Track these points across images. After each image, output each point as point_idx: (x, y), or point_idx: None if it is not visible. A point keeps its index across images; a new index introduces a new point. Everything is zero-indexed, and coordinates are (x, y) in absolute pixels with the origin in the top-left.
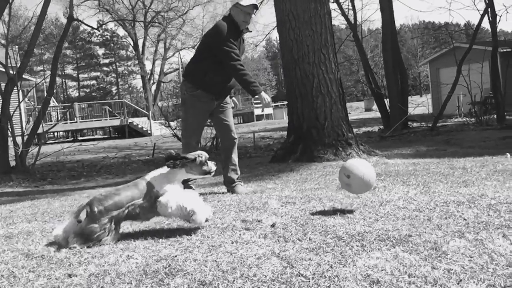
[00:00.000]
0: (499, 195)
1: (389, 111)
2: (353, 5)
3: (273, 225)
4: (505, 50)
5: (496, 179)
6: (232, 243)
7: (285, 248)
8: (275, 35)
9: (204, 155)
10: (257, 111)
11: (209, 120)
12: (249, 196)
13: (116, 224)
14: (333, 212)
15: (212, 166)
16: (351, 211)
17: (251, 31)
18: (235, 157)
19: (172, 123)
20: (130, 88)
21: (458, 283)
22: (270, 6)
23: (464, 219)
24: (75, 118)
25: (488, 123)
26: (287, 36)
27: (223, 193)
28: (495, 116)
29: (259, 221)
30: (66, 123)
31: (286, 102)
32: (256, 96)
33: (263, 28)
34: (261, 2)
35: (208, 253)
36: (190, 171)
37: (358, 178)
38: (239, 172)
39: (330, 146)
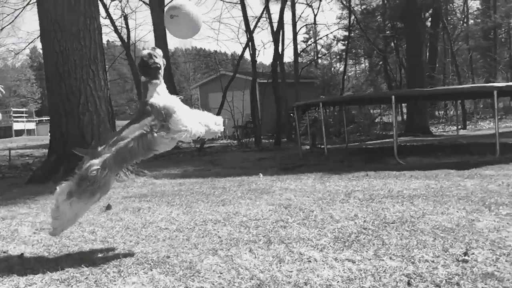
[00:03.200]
0: (250, 212)
1: None
2: (126, 24)
3: (21, 256)
4: (263, 81)
5: (249, 197)
6: None
7: (33, 281)
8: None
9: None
10: (17, 126)
11: None
12: None
13: None
14: (93, 237)
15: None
16: (112, 236)
17: None
18: None
19: None
20: None
21: None
22: (34, 13)
23: (219, 236)
24: None
25: (248, 146)
26: (52, 48)
27: None
28: (254, 139)
29: (4, 252)
30: None
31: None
32: None
33: (26, 36)
34: (25, 5)
35: None
36: None
37: (186, 14)
38: None
39: None
